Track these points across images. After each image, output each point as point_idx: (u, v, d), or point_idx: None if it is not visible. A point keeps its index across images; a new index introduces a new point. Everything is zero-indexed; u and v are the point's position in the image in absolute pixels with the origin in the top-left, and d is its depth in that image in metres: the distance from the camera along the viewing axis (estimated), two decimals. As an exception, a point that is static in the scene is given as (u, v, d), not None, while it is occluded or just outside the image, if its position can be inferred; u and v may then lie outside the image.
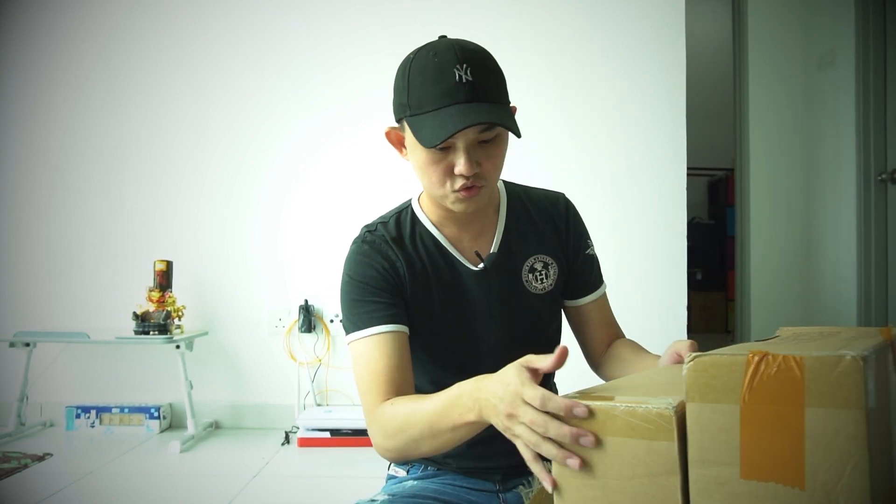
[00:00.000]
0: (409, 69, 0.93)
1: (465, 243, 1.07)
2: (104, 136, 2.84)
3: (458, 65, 0.89)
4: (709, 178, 5.35)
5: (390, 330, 0.98)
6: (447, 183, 0.95)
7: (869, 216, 2.95)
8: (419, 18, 2.75)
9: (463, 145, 0.92)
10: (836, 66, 3.11)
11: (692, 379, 0.60)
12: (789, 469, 0.56)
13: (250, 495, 1.98)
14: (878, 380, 0.55)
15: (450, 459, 1.08)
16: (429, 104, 0.90)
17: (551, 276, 1.10)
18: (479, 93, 0.90)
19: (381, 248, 1.03)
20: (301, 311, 2.70)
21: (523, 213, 1.11)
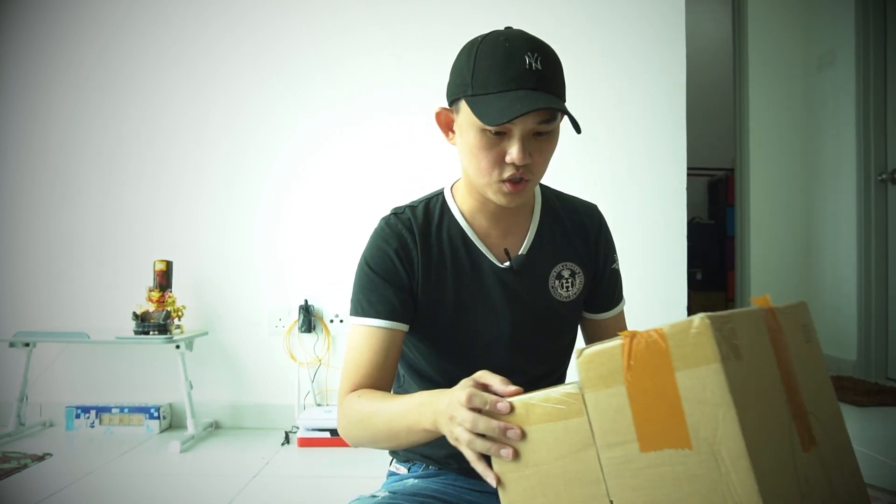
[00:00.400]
0: (476, 50, 0.93)
1: (493, 239, 1.05)
2: (104, 136, 2.84)
3: (530, 52, 0.89)
4: (709, 178, 5.35)
5: (385, 326, 1.00)
6: (495, 171, 0.94)
7: (869, 216, 2.95)
8: (419, 18, 2.75)
9: (519, 133, 0.91)
10: (836, 66, 3.11)
11: (583, 371, 0.66)
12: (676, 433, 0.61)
13: (250, 495, 1.98)
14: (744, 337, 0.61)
15: (451, 460, 1.08)
16: (495, 86, 0.89)
17: (577, 284, 1.08)
18: (546, 83, 0.90)
19: (402, 235, 1.03)
20: (301, 311, 2.70)
21: (556, 218, 1.10)
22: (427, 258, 1.03)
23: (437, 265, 1.03)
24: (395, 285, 1.01)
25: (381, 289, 1.01)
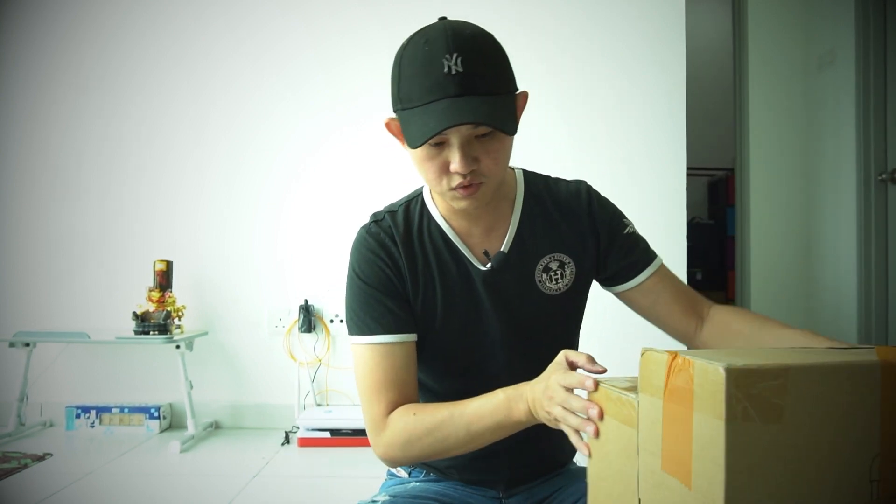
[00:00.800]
0: (401, 59, 0.89)
1: (475, 238, 1.01)
2: (104, 137, 2.84)
3: (448, 54, 0.83)
4: (709, 178, 5.35)
5: (395, 340, 0.95)
6: (444, 180, 0.90)
7: (869, 216, 2.95)
8: (419, 18, 2.73)
9: (457, 141, 0.86)
10: (836, 66, 3.10)
11: (642, 372, 0.65)
12: (684, 468, 0.59)
13: (250, 495, 1.98)
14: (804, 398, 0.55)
15: (452, 470, 1.06)
16: (417, 98, 0.85)
17: (567, 275, 1.03)
18: (470, 85, 0.84)
19: (385, 243, 0.99)
20: (301, 311, 2.70)
21: (541, 207, 1.04)
22: (413, 265, 0.99)
23: (423, 271, 0.99)
24: (391, 295, 0.97)
25: (380, 302, 0.96)
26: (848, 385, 0.57)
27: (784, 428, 0.55)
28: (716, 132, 4.61)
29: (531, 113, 3.09)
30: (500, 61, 0.90)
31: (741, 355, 0.58)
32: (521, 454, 1.05)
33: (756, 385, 0.54)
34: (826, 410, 0.56)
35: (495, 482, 1.06)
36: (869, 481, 0.57)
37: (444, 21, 0.90)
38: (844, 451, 0.57)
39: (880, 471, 0.57)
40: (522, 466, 1.06)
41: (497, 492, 1.07)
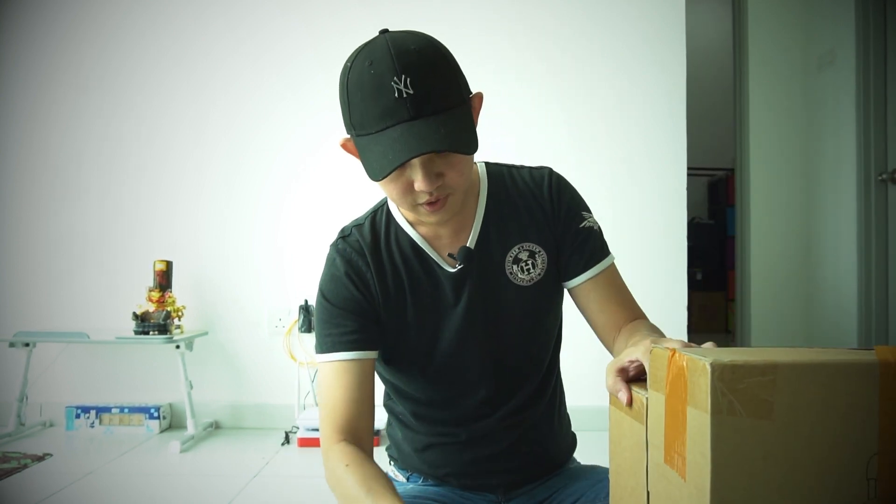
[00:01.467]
0: (347, 82, 0.85)
1: (444, 240, 0.99)
2: (104, 137, 2.84)
3: (396, 77, 0.80)
4: (709, 178, 5.35)
5: (352, 358, 0.96)
6: (408, 198, 0.88)
7: (869, 216, 2.95)
8: (419, 18, 2.75)
9: (419, 162, 0.84)
10: (836, 66, 3.10)
11: (650, 368, 0.66)
12: (680, 460, 0.60)
13: (250, 495, 1.98)
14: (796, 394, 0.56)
15: (450, 477, 1.06)
16: (370, 125, 0.83)
17: (539, 265, 1.00)
18: (422, 106, 0.81)
19: (353, 260, 1.00)
20: (301, 311, 2.70)
21: (506, 198, 1.01)
22: (382, 277, 0.99)
23: (393, 282, 0.99)
24: (354, 313, 0.97)
25: (340, 319, 0.97)
26: (844, 384, 0.57)
27: (775, 424, 0.56)
28: (716, 132, 4.61)
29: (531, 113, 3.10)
30: (450, 72, 0.86)
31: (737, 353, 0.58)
32: (519, 457, 1.05)
33: (743, 380, 0.55)
34: (821, 408, 0.57)
35: (494, 487, 1.06)
36: (866, 479, 0.58)
37: (386, 35, 0.86)
38: (841, 450, 0.57)
39: (878, 469, 0.57)
40: (521, 470, 1.06)
41: (496, 495, 1.06)
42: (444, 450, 1.05)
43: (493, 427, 1.03)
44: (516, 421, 1.04)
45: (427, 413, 1.05)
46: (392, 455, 1.15)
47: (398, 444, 1.11)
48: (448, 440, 1.04)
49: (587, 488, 1.03)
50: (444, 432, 1.05)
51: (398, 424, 1.11)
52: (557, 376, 1.11)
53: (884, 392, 0.57)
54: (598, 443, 0.80)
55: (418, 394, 1.04)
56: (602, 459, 1.25)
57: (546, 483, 1.08)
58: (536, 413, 1.06)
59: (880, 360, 0.58)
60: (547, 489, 1.07)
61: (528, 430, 1.05)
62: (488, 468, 1.04)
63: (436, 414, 1.05)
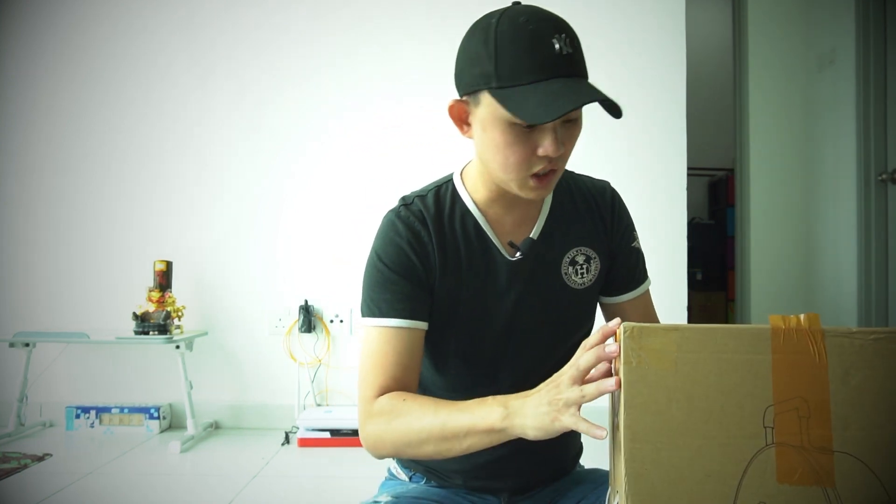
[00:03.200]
0: (494, 34, 0.83)
1: (506, 228, 0.99)
2: (104, 136, 2.84)
3: (557, 34, 0.82)
4: (709, 178, 5.35)
5: (406, 326, 0.93)
6: (525, 166, 0.87)
7: (869, 216, 2.95)
8: (420, 16, 2.74)
9: (552, 124, 0.84)
10: (836, 66, 3.10)
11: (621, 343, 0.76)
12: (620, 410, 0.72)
13: (250, 495, 1.98)
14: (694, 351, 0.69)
15: (456, 476, 1.05)
16: (525, 76, 0.81)
17: (592, 270, 1.02)
18: (577, 67, 0.83)
19: (414, 227, 0.96)
20: (301, 311, 2.70)
21: (569, 201, 1.02)
22: (443, 250, 0.96)
23: (452, 257, 0.97)
24: (411, 281, 0.94)
25: (397, 286, 0.94)
26: (737, 344, 0.69)
27: (678, 375, 0.68)
28: (716, 132, 4.60)
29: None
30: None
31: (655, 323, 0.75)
32: (527, 461, 1.03)
33: (649, 338, 0.69)
34: (716, 363, 0.69)
35: (499, 490, 1.05)
36: (763, 427, 0.69)
37: (526, 5, 0.88)
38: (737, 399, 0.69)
39: (774, 420, 0.68)
40: (528, 473, 1.05)
41: (500, 500, 1.06)
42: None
43: None
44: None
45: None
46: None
47: None
48: None
49: (588, 491, 1.02)
50: None
51: None
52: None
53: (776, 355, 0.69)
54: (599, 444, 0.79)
55: (442, 378, 1.02)
56: (604, 462, 1.25)
57: (550, 487, 1.07)
58: None
59: (772, 325, 0.70)
60: (550, 493, 1.07)
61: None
62: (496, 470, 1.03)
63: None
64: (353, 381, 2.74)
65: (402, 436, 0.87)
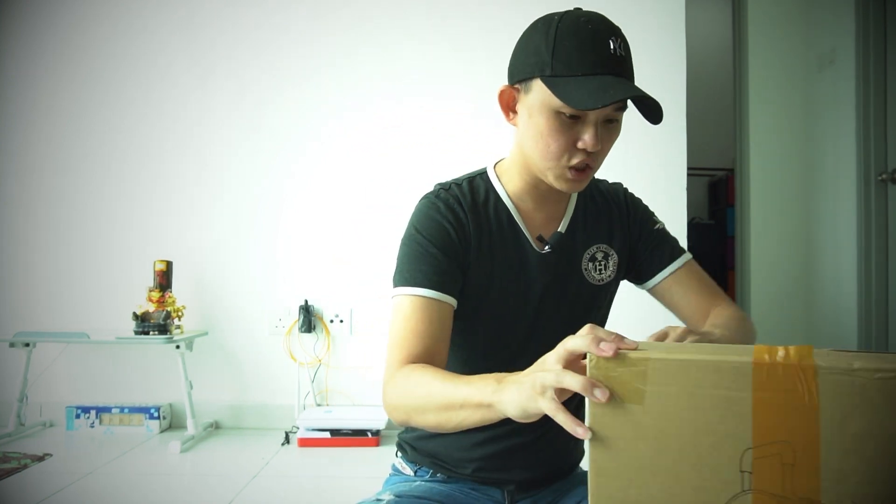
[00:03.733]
0: (555, 28, 0.90)
1: (536, 222, 1.03)
2: (104, 136, 2.84)
3: (614, 37, 0.89)
4: (709, 178, 5.34)
5: (438, 298, 0.94)
6: (564, 156, 0.92)
7: (869, 216, 2.95)
8: (421, 16, 2.74)
9: (595, 119, 0.89)
10: (836, 66, 3.10)
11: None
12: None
13: (250, 495, 1.98)
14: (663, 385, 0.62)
15: (465, 465, 1.05)
16: (578, 67, 0.87)
17: (610, 267, 1.06)
18: (628, 70, 0.90)
19: (453, 207, 0.99)
20: (301, 311, 2.70)
21: (591, 200, 1.09)
22: (479, 233, 0.99)
23: (486, 241, 1.00)
24: (448, 256, 0.96)
25: (435, 259, 0.96)
26: (715, 379, 0.61)
27: (647, 410, 0.62)
28: (716, 132, 4.60)
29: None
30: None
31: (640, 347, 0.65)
32: (537, 454, 1.05)
33: (616, 370, 0.63)
34: (689, 400, 0.61)
35: (506, 482, 1.05)
36: (740, 471, 0.61)
37: (588, 10, 0.95)
38: (713, 440, 0.61)
39: (753, 464, 0.61)
40: (536, 467, 1.06)
41: (504, 494, 1.06)
42: (467, 434, 1.04)
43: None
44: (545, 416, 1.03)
45: None
46: (402, 444, 1.12)
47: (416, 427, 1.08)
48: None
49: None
50: None
51: None
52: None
53: (757, 394, 0.61)
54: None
55: (461, 365, 1.03)
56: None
57: (552, 486, 1.08)
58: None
59: (755, 359, 0.61)
60: (552, 493, 1.07)
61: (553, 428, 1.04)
62: (505, 462, 1.04)
63: None
64: (353, 381, 2.75)
65: (412, 401, 0.87)
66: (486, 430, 1.03)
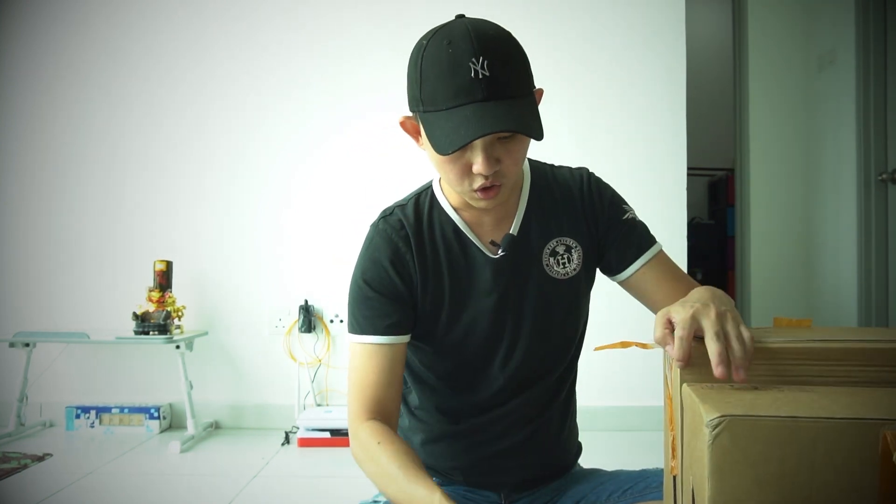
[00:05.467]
0: (421, 59, 0.87)
1: (485, 228, 1.01)
2: (104, 136, 2.84)
3: (475, 57, 0.82)
4: (709, 178, 5.34)
5: (386, 342, 0.97)
6: (465, 181, 0.90)
7: (869, 216, 2.95)
8: (419, 18, 2.74)
9: (481, 144, 0.86)
10: (836, 66, 3.10)
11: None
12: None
13: (250, 495, 1.98)
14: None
15: (457, 472, 1.06)
16: (442, 102, 0.84)
17: (574, 259, 1.03)
18: (496, 89, 0.83)
19: (394, 242, 0.99)
20: (301, 311, 2.70)
21: (547, 193, 1.04)
22: (422, 259, 1.00)
23: (432, 265, 1.00)
24: (391, 298, 0.98)
25: (377, 304, 0.98)
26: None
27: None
28: (716, 132, 4.60)
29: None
30: (522, 62, 0.89)
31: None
32: (529, 456, 1.05)
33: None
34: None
35: (500, 485, 1.06)
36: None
37: (464, 20, 0.88)
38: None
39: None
40: (529, 469, 1.06)
41: (499, 495, 1.06)
42: (454, 442, 1.05)
43: (505, 420, 1.03)
44: (530, 416, 1.04)
45: (442, 400, 1.05)
46: None
47: (405, 435, 1.11)
48: (460, 430, 1.05)
49: (588, 491, 1.03)
50: (456, 421, 1.05)
51: (408, 414, 1.11)
52: (573, 382, 1.12)
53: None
54: (600, 444, 0.79)
55: (438, 377, 1.05)
56: (604, 461, 1.26)
57: (550, 485, 1.08)
58: (550, 411, 1.06)
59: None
60: (549, 492, 1.07)
61: (540, 428, 1.05)
62: (497, 465, 1.04)
63: (452, 401, 1.05)
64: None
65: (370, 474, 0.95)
66: (472, 436, 1.03)
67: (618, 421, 2.60)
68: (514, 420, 1.03)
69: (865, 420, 0.52)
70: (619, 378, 2.60)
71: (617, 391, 2.61)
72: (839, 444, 0.52)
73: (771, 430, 0.53)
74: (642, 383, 2.59)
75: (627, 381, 2.62)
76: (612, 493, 1.00)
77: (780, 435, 0.53)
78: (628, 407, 2.61)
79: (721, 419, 0.53)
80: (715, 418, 0.54)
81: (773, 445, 0.53)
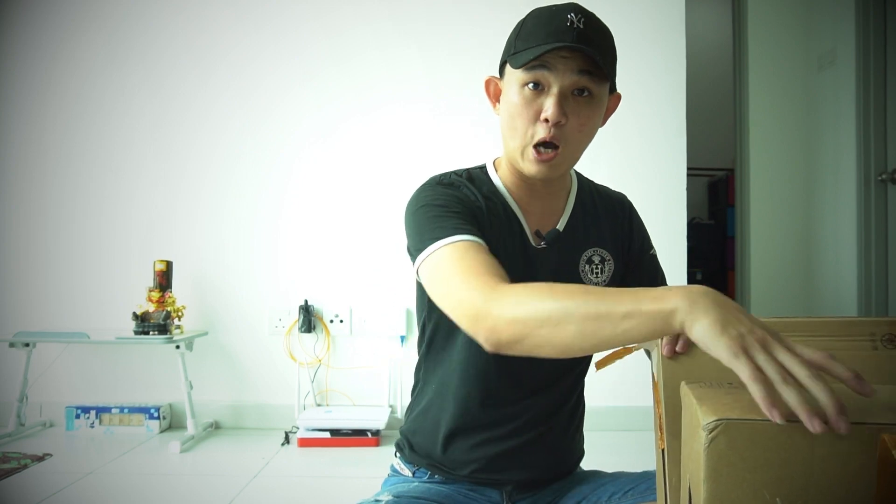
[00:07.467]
0: (525, 17, 0.95)
1: (533, 215, 1.02)
2: (104, 136, 2.84)
3: (574, 13, 0.90)
4: (709, 178, 5.35)
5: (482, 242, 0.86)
6: (529, 131, 0.92)
7: (869, 216, 2.95)
8: (425, 15, 2.74)
9: (557, 87, 0.90)
10: (836, 66, 3.10)
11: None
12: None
13: (250, 495, 1.98)
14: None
15: (463, 468, 1.05)
16: (535, 40, 0.90)
17: (606, 271, 1.06)
18: (586, 40, 0.89)
19: (462, 187, 0.99)
20: (301, 311, 2.70)
21: (591, 204, 1.08)
22: (489, 214, 0.97)
23: (494, 226, 0.98)
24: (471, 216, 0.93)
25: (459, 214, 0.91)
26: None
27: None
28: (716, 132, 4.61)
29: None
30: (614, 51, 0.97)
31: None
32: (536, 455, 1.05)
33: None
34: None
35: (504, 483, 1.06)
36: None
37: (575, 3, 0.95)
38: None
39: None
40: (535, 468, 1.06)
41: (502, 494, 1.06)
42: (468, 434, 1.04)
43: (517, 418, 1.03)
44: (542, 417, 1.04)
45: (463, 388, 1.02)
46: (400, 444, 1.12)
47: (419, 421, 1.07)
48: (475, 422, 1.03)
49: (589, 492, 1.03)
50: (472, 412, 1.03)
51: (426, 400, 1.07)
52: (581, 390, 1.12)
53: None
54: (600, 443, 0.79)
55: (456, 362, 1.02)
56: (603, 462, 1.26)
57: (552, 486, 1.08)
58: (560, 414, 1.07)
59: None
60: (551, 493, 1.07)
61: (549, 431, 1.05)
62: (505, 463, 1.04)
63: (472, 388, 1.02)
64: (353, 381, 2.75)
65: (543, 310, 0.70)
66: (486, 432, 1.03)
67: (620, 421, 2.60)
68: (528, 418, 1.03)
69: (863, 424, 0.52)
70: (620, 378, 2.60)
71: (618, 391, 2.61)
72: (836, 449, 0.52)
73: (768, 434, 0.53)
74: (644, 384, 2.59)
75: (628, 381, 2.62)
76: (614, 493, 1.00)
77: (778, 439, 0.53)
78: (629, 407, 2.62)
79: (717, 423, 0.53)
80: (711, 422, 0.53)
81: (770, 449, 0.53)
